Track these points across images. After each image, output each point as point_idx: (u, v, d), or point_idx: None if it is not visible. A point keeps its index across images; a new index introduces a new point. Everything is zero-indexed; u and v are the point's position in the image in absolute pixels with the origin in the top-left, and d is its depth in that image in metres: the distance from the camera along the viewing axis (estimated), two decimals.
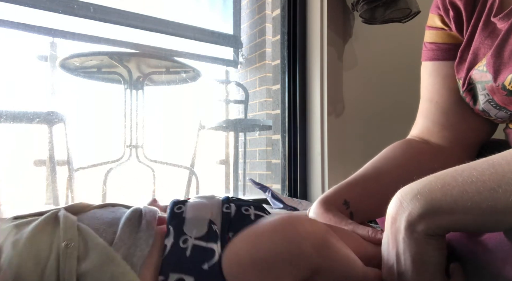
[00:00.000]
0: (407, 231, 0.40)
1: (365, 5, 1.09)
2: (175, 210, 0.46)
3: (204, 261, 0.41)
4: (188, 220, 0.45)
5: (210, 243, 0.43)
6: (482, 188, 0.37)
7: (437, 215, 0.39)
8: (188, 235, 0.43)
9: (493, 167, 0.37)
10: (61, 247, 0.38)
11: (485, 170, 0.38)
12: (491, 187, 0.36)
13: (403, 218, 0.41)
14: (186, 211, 0.46)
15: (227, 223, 0.46)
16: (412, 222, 0.40)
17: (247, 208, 0.49)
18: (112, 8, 1.52)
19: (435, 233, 0.40)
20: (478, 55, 0.57)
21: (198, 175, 1.75)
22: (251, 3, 2.29)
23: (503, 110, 0.55)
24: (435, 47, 0.66)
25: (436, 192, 0.39)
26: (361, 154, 1.27)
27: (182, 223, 0.44)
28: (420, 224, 0.39)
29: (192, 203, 0.48)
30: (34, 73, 1.48)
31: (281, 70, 1.32)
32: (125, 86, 1.58)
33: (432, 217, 0.39)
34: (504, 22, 0.53)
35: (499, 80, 0.52)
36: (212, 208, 0.48)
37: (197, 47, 1.85)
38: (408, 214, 0.40)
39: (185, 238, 0.43)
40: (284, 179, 1.29)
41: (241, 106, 2.12)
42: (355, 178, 0.65)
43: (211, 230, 0.44)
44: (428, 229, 0.39)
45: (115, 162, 1.55)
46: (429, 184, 0.41)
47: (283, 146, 1.30)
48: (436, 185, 0.40)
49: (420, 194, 0.40)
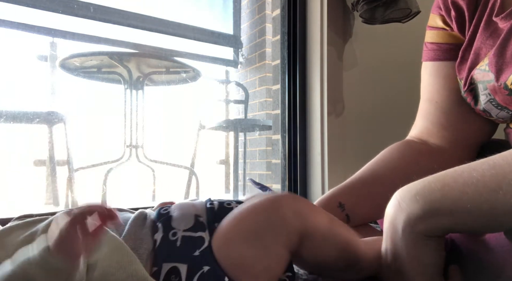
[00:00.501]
0: (405, 232, 0.40)
1: (365, 5, 1.09)
2: (161, 211, 0.49)
3: (195, 249, 0.43)
4: (175, 217, 0.47)
5: (199, 232, 0.45)
6: (482, 189, 0.36)
7: (436, 216, 0.38)
8: (176, 228, 0.45)
9: (494, 168, 0.37)
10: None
11: (485, 171, 0.37)
12: (492, 189, 0.36)
13: (401, 218, 0.41)
14: (172, 211, 0.49)
15: (212, 215, 0.48)
16: (411, 223, 0.40)
17: (229, 202, 0.52)
18: (112, 8, 1.52)
19: (433, 234, 0.39)
20: (480, 55, 0.57)
21: (198, 175, 1.75)
22: (251, 3, 2.29)
23: (505, 110, 0.55)
24: (436, 47, 0.65)
25: (435, 193, 0.39)
26: (361, 154, 1.26)
27: (169, 219, 0.47)
28: (419, 225, 0.39)
29: (177, 204, 0.51)
30: (34, 73, 1.48)
31: (281, 70, 1.32)
32: (125, 86, 1.58)
33: (431, 218, 0.39)
34: (506, 21, 0.53)
35: (501, 79, 0.52)
36: (196, 205, 0.51)
37: (197, 47, 1.85)
38: (407, 215, 0.40)
39: (174, 231, 0.45)
40: (284, 179, 1.29)
41: (241, 106, 2.12)
42: (351, 181, 0.65)
43: (198, 221, 0.47)
44: (426, 230, 0.39)
45: (115, 162, 1.55)
46: (428, 185, 0.40)
47: (283, 146, 1.30)
48: (436, 186, 0.39)
49: (419, 195, 0.40)
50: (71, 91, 1.56)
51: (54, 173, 1.34)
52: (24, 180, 1.38)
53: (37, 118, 1.33)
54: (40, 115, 1.34)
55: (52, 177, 1.34)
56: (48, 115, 1.35)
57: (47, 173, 1.35)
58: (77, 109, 1.50)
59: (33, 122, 1.32)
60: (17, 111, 1.28)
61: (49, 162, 1.35)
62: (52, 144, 1.36)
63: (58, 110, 1.39)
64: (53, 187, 1.34)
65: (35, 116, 1.32)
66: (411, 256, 0.40)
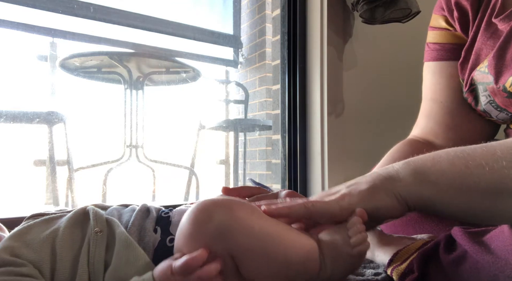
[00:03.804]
0: (384, 182, 0.41)
1: (365, 5, 1.09)
2: (162, 214, 0.50)
3: None
4: (174, 222, 0.48)
5: None
6: (470, 163, 0.37)
7: (422, 182, 0.40)
8: (174, 234, 0.46)
9: (486, 146, 0.38)
10: (92, 234, 0.44)
11: (477, 148, 0.39)
12: (479, 163, 0.37)
13: (389, 171, 0.42)
14: (173, 216, 0.50)
15: None
16: (396, 179, 0.41)
17: None
18: (112, 8, 1.52)
19: (409, 199, 0.41)
20: (480, 56, 0.57)
21: (198, 175, 1.75)
22: (251, 3, 2.29)
23: (504, 111, 0.55)
24: (439, 47, 0.65)
25: (426, 161, 0.41)
26: (361, 154, 1.27)
27: (168, 224, 0.48)
28: (401, 181, 0.40)
29: (178, 209, 0.52)
30: (34, 73, 1.48)
31: (281, 70, 1.32)
32: (125, 86, 1.57)
33: (417, 182, 0.40)
34: (505, 23, 0.53)
35: (500, 82, 0.52)
36: None
37: (197, 47, 1.85)
38: (396, 172, 0.41)
39: (171, 237, 0.46)
40: (284, 179, 1.29)
41: (241, 106, 2.12)
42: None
43: None
44: (407, 189, 0.40)
45: (115, 162, 1.55)
46: (422, 156, 0.42)
47: (283, 146, 1.30)
48: (429, 156, 0.41)
49: (413, 161, 0.42)
50: (71, 91, 1.56)
51: (54, 173, 1.34)
52: (24, 180, 1.38)
53: (37, 118, 1.33)
54: (40, 115, 1.34)
55: (52, 177, 1.34)
56: (48, 115, 1.35)
57: (47, 173, 1.35)
58: (77, 109, 1.50)
59: (33, 122, 1.32)
60: (17, 111, 1.28)
61: (49, 162, 1.35)
62: (52, 144, 1.36)
63: (58, 110, 1.39)
64: (53, 187, 1.34)
65: (35, 116, 1.32)
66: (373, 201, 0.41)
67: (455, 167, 0.38)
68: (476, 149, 0.39)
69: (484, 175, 0.36)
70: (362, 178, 0.43)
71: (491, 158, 0.36)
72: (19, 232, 0.44)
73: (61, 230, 0.44)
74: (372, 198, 0.40)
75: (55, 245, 0.43)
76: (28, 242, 0.42)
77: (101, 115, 1.60)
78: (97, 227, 0.45)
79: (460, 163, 0.38)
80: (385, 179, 0.41)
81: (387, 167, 0.43)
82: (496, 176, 0.35)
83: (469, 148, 0.39)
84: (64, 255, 0.42)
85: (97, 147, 1.59)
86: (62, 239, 0.43)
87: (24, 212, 0.53)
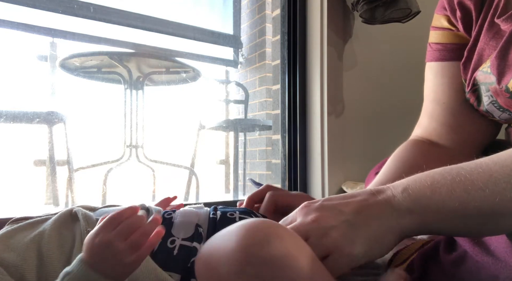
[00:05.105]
0: (385, 218, 0.40)
1: (365, 5, 1.09)
2: (165, 216, 0.51)
3: (189, 259, 0.45)
4: (176, 224, 0.48)
5: (195, 243, 0.47)
6: (470, 187, 0.37)
7: (425, 213, 0.39)
8: (175, 236, 0.47)
9: (481, 167, 0.37)
10: (84, 234, 0.43)
11: (473, 170, 0.38)
12: (479, 187, 0.36)
13: (390, 201, 0.40)
14: (175, 217, 0.50)
15: (213, 226, 0.49)
16: (400, 214, 0.39)
17: (233, 212, 0.52)
18: (112, 8, 1.51)
19: (412, 231, 0.40)
20: (483, 56, 0.57)
21: (198, 175, 1.75)
22: (251, 3, 2.29)
23: (506, 112, 0.55)
24: (441, 48, 0.64)
25: (425, 189, 0.39)
26: (361, 154, 1.27)
27: (170, 226, 0.48)
28: (406, 218, 0.39)
29: (181, 210, 0.52)
30: (34, 73, 1.48)
31: (281, 70, 1.32)
32: (125, 86, 1.57)
33: (418, 215, 0.39)
34: (508, 23, 0.52)
35: (503, 82, 0.52)
36: (200, 214, 0.51)
37: (197, 47, 1.85)
38: (397, 203, 0.40)
39: (173, 239, 0.46)
40: (284, 179, 1.29)
41: (241, 106, 2.12)
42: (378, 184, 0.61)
43: (197, 232, 0.48)
44: (411, 224, 0.39)
45: (115, 162, 1.55)
46: (419, 180, 0.40)
47: (283, 146, 1.30)
48: (426, 182, 0.40)
49: (410, 188, 0.40)
50: (71, 91, 1.56)
51: (54, 173, 1.34)
52: (24, 180, 1.38)
53: (37, 118, 1.33)
54: (40, 115, 1.34)
55: (52, 177, 1.34)
56: (48, 115, 1.35)
57: (47, 173, 1.35)
58: (77, 109, 1.50)
59: (33, 122, 1.32)
60: (17, 111, 1.28)
61: (49, 162, 1.35)
62: (52, 144, 1.36)
63: (58, 110, 1.38)
64: (53, 187, 1.34)
65: (35, 116, 1.32)
66: (374, 239, 0.39)
67: (455, 194, 0.37)
68: (472, 170, 0.37)
69: (485, 198, 0.36)
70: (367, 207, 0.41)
71: (488, 180, 0.36)
72: (2, 236, 0.43)
73: (47, 232, 0.43)
74: (383, 244, 0.40)
75: (42, 248, 0.42)
76: (12, 246, 0.41)
77: (101, 115, 1.60)
78: (89, 227, 0.44)
79: (459, 189, 0.37)
80: (390, 214, 0.40)
81: (386, 192, 0.41)
82: (497, 200, 0.35)
83: (465, 169, 0.38)
84: (54, 257, 0.42)
85: (97, 147, 1.59)
86: (49, 241, 0.43)
87: (23, 212, 0.52)
